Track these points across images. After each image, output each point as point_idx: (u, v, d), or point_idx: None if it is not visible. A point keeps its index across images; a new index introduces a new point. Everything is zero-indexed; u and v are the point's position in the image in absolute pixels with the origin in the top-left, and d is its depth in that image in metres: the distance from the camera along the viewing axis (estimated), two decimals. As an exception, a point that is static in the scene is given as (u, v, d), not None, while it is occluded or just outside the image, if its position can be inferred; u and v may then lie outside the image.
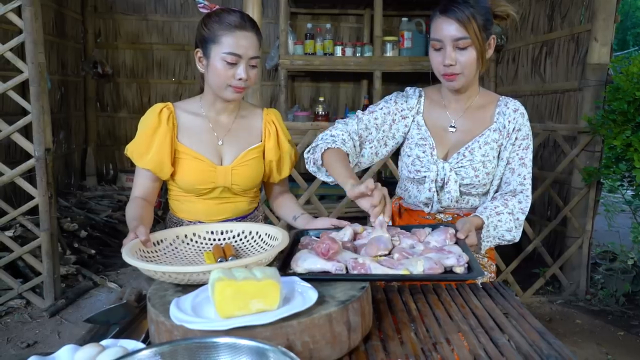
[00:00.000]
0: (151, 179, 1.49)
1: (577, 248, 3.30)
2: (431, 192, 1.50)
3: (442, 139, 1.54)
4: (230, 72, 1.40)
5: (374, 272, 1.11)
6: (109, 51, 5.59)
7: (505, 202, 1.47)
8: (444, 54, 1.41)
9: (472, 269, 1.14)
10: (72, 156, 5.27)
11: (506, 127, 1.50)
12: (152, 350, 0.84)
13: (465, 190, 1.51)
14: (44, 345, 2.59)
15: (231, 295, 0.92)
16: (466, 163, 1.49)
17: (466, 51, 1.39)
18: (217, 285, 0.92)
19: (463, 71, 1.42)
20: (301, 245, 1.29)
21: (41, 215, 2.89)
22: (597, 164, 3.14)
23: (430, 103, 1.58)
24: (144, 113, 1.50)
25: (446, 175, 1.49)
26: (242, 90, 1.43)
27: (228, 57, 1.38)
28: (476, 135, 1.51)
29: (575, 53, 3.45)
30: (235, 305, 0.92)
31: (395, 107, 1.56)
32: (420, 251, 1.22)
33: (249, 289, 0.93)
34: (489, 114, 1.53)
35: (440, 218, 1.54)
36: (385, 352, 1.01)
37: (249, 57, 1.40)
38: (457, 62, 1.40)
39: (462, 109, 1.54)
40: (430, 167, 1.51)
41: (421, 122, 1.56)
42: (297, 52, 4.53)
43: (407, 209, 1.62)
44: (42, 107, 2.80)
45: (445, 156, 1.53)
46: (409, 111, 1.57)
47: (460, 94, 1.53)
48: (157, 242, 1.24)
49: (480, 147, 1.49)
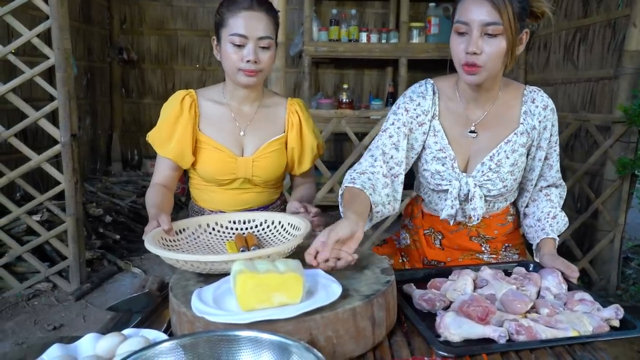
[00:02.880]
0: (172, 168, 1.47)
1: (609, 242, 3.20)
2: (454, 209, 1.37)
3: (461, 146, 1.37)
4: (239, 54, 1.36)
5: (542, 335, 0.99)
6: (134, 37, 5.62)
7: (549, 200, 1.43)
8: (468, 40, 1.22)
9: (628, 320, 1.07)
10: (97, 142, 5.34)
11: (536, 127, 1.35)
12: (173, 342, 0.83)
13: (492, 200, 1.41)
14: (69, 328, 2.64)
15: (253, 288, 0.90)
16: (493, 176, 1.35)
17: (495, 40, 1.20)
18: (239, 278, 0.90)
19: (487, 63, 1.22)
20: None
21: (67, 200, 2.92)
22: (632, 156, 3.03)
23: (447, 102, 1.39)
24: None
25: (470, 191, 1.36)
26: (255, 73, 1.37)
27: (234, 38, 1.34)
28: (501, 141, 1.35)
29: (612, 39, 3.30)
30: (257, 298, 0.90)
31: (407, 116, 1.36)
32: (561, 302, 1.13)
33: (271, 282, 0.91)
34: (515, 114, 1.36)
35: (465, 222, 1.44)
36: (409, 348, 0.98)
37: (257, 38, 1.35)
38: (482, 51, 1.21)
39: (483, 110, 1.36)
40: (452, 182, 1.37)
41: (437, 127, 1.37)
42: (321, 39, 4.47)
43: (428, 214, 1.50)
44: (68, 93, 2.82)
45: (466, 166, 1.38)
46: (424, 116, 1.37)
47: (480, 92, 1.34)
48: (180, 231, 1.23)
49: (507, 157, 1.34)
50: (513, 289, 1.11)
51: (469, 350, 0.95)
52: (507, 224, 1.46)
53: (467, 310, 1.02)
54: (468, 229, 1.43)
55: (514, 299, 1.07)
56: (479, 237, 1.44)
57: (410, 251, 1.54)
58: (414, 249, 1.53)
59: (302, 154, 1.56)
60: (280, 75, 2.84)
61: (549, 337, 0.99)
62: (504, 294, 1.09)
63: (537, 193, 1.46)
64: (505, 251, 1.47)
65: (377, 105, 4.78)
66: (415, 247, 1.52)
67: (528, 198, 1.46)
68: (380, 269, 1.10)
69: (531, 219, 1.44)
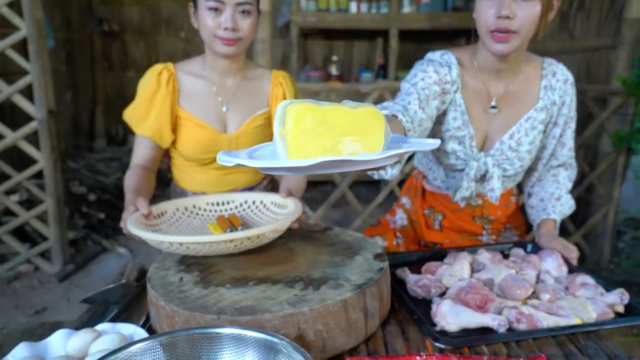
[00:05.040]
0: (151, 147, 1.39)
1: (602, 216, 3.17)
2: (469, 191, 1.29)
3: (481, 123, 1.28)
4: (216, 21, 1.26)
5: (544, 323, 0.94)
6: (114, 7, 5.42)
7: (556, 181, 1.36)
8: (500, 3, 1.09)
9: (633, 305, 1.01)
10: (80, 117, 5.19)
11: (556, 102, 1.28)
12: (149, 342, 0.76)
13: (505, 180, 1.34)
14: (53, 311, 2.57)
15: (313, 127, 0.61)
16: (512, 155, 1.27)
17: (529, 3, 1.09)
18: (294, 111, 0.61)
19: (520, 30, 1.11)
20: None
21: (46, 179, 2.82)
22: (628, 128, 2.98)
23: (468, 75, 1.27)
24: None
25: (489, 171, 1.27)
26: (233, 42, 1.28)
27: (210, 3, 1.25)
28: (520, 118, 1.27)
29: (610, 7, 3.21)
30: (318, 143, 0.61)
31: (437, 77, 1.21)
32: (562, 287, 1.08)
33: (339, 120, 0.62)
34: (535, 89, 1.28)
35: (468, 201, 1.38)
36: (404, 338, 0.93)
37: (235, 3, 1.25)
38: (515, 15, 1.10)
39: (505, 84, 1.27)
40: (469, 162, 1.28)
41: (459, 101, 1.26)
42: (309, 9, 4.34)
43: (430, 191, 1.43)
44: (42, 67, 2.68)
45: (483, 144, 1.30)
46: (450, 85, 1.24)
47: (507, 64, 1.23)
48: (158, 215, 1.15)
49: (527, 135, 1.26)
50: (512, 274, 1.06)
51: (468, 341, 0.89)
52: (511, 204, 1.40)
53: (464, 298, 0.97)
54: (472, 208, 1.37)
55: (514, 285, 1.02)
56: (482, 217, 1.38)
57: (406, 232, 1.48)
58: (410, 230, 1.47)
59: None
60: (266, 47, 2.73)
61: (550, 325, 0.94)
62: (503, 279, 1.04)
63: (545, 173, 1.39)
64: (506, 232, 1.42)
65: (367, 77, 4.69)
66: (412, 228, 1.46)
67: (535, 178, 1.40)
68: (372, 255, 1.03)
69: (534, 198, 1.38)
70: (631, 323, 0.98)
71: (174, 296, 0.89)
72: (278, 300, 0.86)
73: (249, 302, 0.86)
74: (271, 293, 0.88)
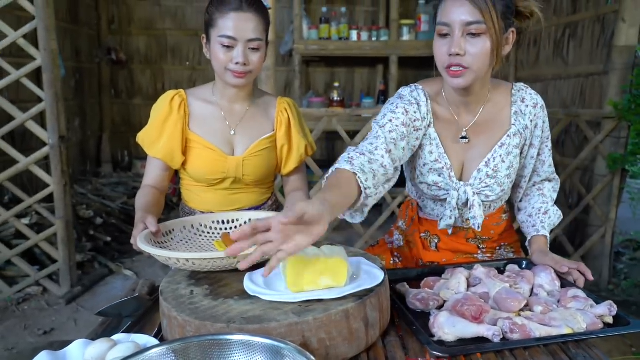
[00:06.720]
0: (162, 168, 1.46)
1: (600, 237, 3.21)
2: (452, 219, 1.33)
3: (457, 153, 1.32)
4: (228, 55, 1.34)
5: (536, 333, 0.98)
6: (122, 37, 5.57)
7: (542, 195, 1.42)
8: (450, 42, 1.15)
9: (621, 316, 1.07)
10: (87, 143, 5.29)
11: (528, 127, 1.32)
12: (163, 347, 0.81)
13: (490, 204, 1.39)
14: (60, 332, 2.61)
15: (302, 271, 0.95)
16: (490, 182, 1.31)
17: (479, 40, 1.14)
18: (290, 260, 0.95)
19: (472, 65, 1.16)
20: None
21: (56, 203, 2.89)
22: (622, 151, 3.04)
23: (439, 107, 1.32)
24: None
25: (469, 200, 1.32)
26: (244, 75, 1.36)
27: (223, 40, 1.33)
28: (494, 145, 1.31)
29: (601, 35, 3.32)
30: (306, 280, 0.96)
31: (406, 117, 1.25)
32: (554, 300, 1.13)
33: (319, 265, 0.96)
34: (506, 115, 1.32)
35: (462, 226, 1.42)
36: (403, 348, 0.97)
37: (247, 40, 1.33)
38: (466, 52, 1.15)
39: (473, 115, 1.31)
40: (450, 192, 1.33)
41: (433, 135, 1.30)
42: (311, 37, 4.46)
43: (424, 218, 1.47)
44: (55, 95, 2.79)
45: (461, 173, 1.35)
46: (421, 122, 1.28)
47: (469, 96, 1.27)
48: (166, 233, 1.22)
49: (503, 161, 1.30)
50: (506, 287, 1.10)
51: (464, 350, 0.94)
52: (502, 222, 1.45)
53: (460, 309, 1.02)
54: (465, 231, 1.42)
55: (508, 297, 1.06)
56: (475, 238, 1.43)
57: (403, 252, 1.53)
58: (407, 251, 1.52)
59: (289, 153, 1.53)
60: (270, 74, 2.82)
61: (542, 334, 0.98)
62: (498, 292, 1.09)
63: (530, 188, 1.45)
64: (500, 250, 1.47)
65: (369, 103, 4.77)
66: (409, 249, 1.51)
67: (522, 194, 1.46)
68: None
69: (523, 214, 1.44)
70: (619, 332, 1.04)
71: (185, 307, 0.94)
72: (284, 310, 0.91)
73: (257, 312, 0.91)
74: (277, 304, 0.94)
